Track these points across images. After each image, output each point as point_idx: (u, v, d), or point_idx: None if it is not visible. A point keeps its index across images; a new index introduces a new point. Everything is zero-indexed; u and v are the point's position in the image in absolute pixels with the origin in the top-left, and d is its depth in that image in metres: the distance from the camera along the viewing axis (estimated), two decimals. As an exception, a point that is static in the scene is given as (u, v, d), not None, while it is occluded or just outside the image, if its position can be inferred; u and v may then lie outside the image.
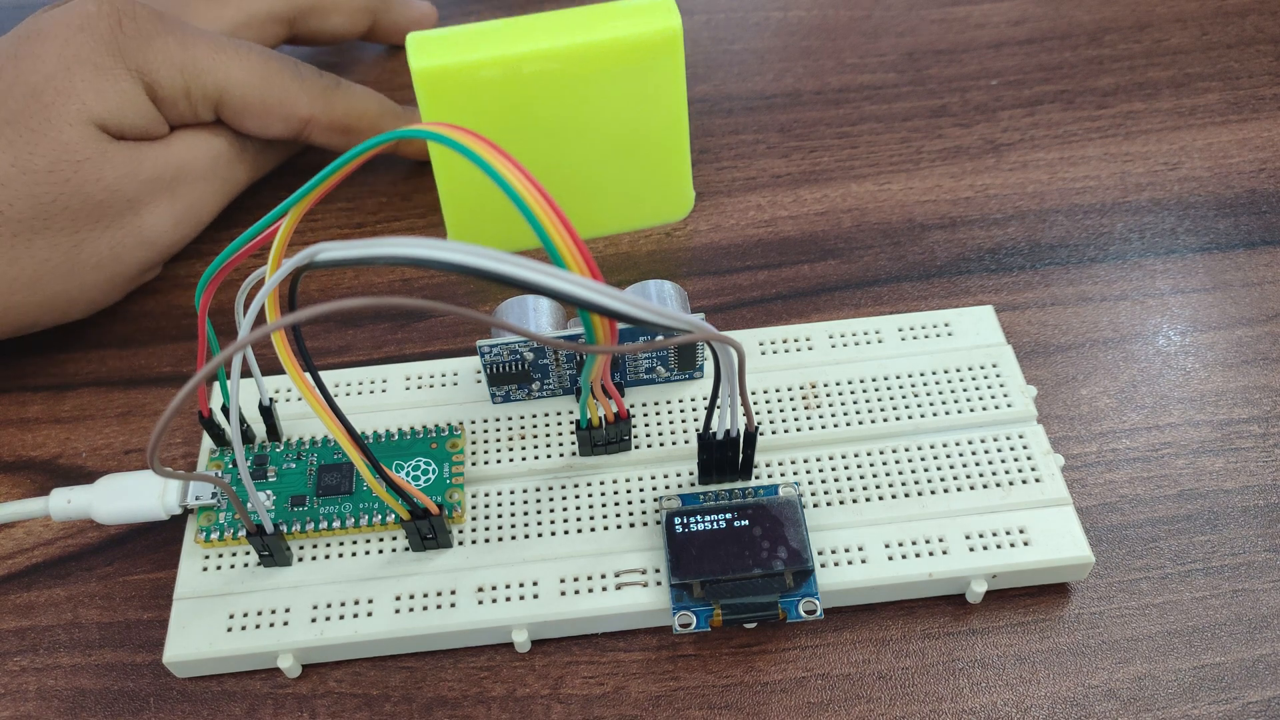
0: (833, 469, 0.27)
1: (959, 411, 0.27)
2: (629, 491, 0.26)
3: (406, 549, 0.26)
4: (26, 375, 0.31)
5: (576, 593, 0.25)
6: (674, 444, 0.27)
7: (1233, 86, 0.37)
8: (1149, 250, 0.33)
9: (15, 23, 0.30)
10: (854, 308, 0.32)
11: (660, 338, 0.25)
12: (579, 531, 0.26)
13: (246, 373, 0.26)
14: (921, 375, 0.28)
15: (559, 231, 0.19)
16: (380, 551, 0.26)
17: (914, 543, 0.25)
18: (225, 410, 0.26)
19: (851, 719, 0.24)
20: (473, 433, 0.28)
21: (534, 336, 0.19)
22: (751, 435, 0.25)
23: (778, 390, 0.28)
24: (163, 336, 0.32)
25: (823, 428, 0.27)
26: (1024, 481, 0.26)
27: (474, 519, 0.26)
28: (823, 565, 0.25)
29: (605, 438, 0.26)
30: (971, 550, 0.25)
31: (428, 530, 0.25)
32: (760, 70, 0.39)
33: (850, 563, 0.25)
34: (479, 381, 0.29)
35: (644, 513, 0.26)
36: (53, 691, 0.25)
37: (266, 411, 0.27)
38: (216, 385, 0.28)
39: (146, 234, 0.30)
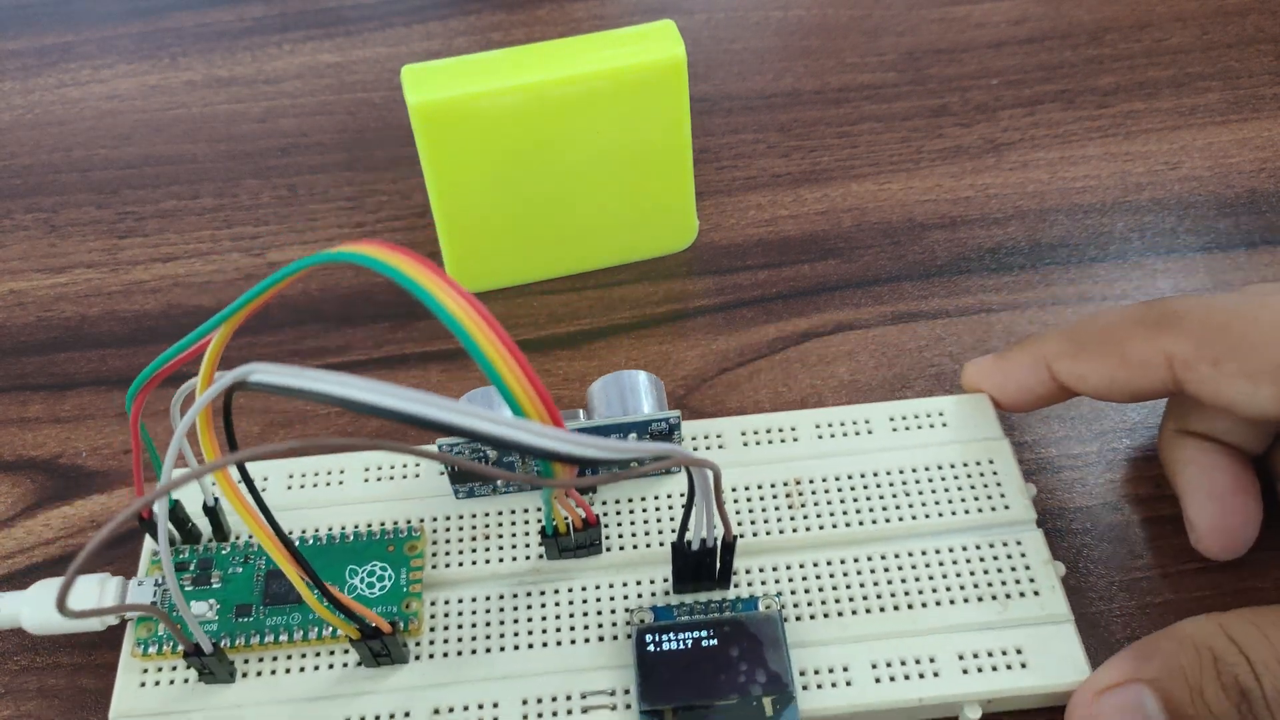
0: (817, 576, 0.25)
1: (952, 513, 0.26)
2: (599, 600, 0.25)
3: (360, 664, 0.24)
4: (26, 375, 0.31)
5: (540, 715, 0.23)
6: (648, 546, 0.25)
7: (1233, 86, 0.37)
8: (1149, 250, 0.33)
9: (16, 22, 0.30)
10: (854, 307, 0.32)
11: (633, 452, 0.22)
12: (544, 645, 0.24)
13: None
14: (914, 471, 0.26)
15: (509, 365, 0.17)
16: (331, 667, 0.24)
17: (903, 662, 0.23)
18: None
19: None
20: (434, 530, 0.26)
21: (495, 475, 0.17)
22: (730, 544, 0.23)
23: (759, 486, 0.26)
24: (163, 336, 0.32)
25: (807, 529, 0.25)
26: (1021, 595, 0.24)
27: (433, 629, 0.24)
28: (804, 688, 0.23)
29: (574, 543, 0.24)
30: (965, 672, 0.23)
31: (380, 649, 0.23)
32: (760, 70, 0.39)
33: (834, 685, 0.23)
34: (442, 473, 0.26)
35: (614, 624, 0.24)
36: (53, 691, 0.25)
37: (211, 511, 0.25)
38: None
39: None
